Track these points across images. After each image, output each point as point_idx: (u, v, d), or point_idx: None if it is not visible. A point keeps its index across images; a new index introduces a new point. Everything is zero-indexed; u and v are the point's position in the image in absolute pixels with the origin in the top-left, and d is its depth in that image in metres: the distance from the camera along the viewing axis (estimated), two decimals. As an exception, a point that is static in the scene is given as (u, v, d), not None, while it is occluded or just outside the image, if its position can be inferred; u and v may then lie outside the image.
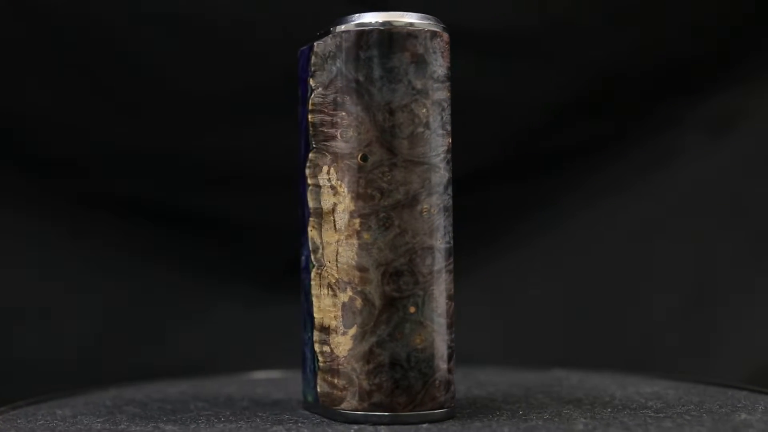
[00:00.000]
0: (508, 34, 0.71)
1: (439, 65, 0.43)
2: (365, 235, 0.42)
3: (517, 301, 0.76)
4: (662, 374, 0.57)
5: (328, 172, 0.43)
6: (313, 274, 0.44)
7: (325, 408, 0.44)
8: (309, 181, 0.44)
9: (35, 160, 0.74)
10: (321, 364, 0.44)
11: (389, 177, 0.42)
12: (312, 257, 0.44)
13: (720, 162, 0.76)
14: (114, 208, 0.75)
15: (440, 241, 0.43)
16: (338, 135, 0.43)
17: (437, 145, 0.43)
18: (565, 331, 0.77)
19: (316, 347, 0.44)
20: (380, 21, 0.42)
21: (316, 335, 0.44)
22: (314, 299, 0.44)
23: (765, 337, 0.75)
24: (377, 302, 0.42)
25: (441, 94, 0.43)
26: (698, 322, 0.76)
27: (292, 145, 0.74)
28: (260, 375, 0.60)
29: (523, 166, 0.76)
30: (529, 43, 0.72)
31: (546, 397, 0.49)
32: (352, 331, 0.42)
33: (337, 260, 0.43)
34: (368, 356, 0.42)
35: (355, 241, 0.42)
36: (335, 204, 0.43)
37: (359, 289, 0.42)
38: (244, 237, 0.76)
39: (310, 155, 0.44)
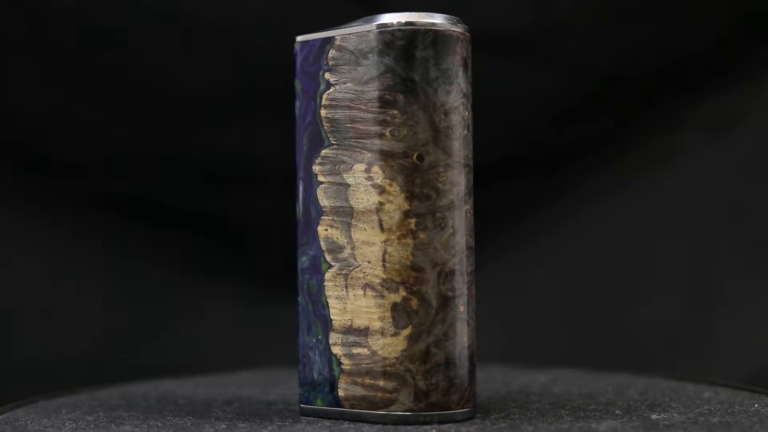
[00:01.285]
0: (508, 34, 0.71)
1: (470, 69, 0.44)
2: (421, 235, 0.42)
3: (517, 301, 0.76)
4: (662, 374, 0.57)
5: (368, 170, 0.43)
6: (329, 275, 0.43)
7: (356, 412, 0.43)
8: (322, 179, 0.44)
9: (35, 160, 0.74)
10: (348, 367, 0.43)
11: (444, 177, 0.43)
12: (327, 257, 0.43)
13: (720, 162, 0.76)
14: (114, 208, 0.75)
15: (473, 242, 0.44)
16: (387, 133, 0.42)
17: (472, 148, 0.44)
18: (564, 331, 0.77)
19: (338, 350, 0.43)
20: (429, 21, 0.43)
21: (336, 338, 0.43)
22: (333, 301, 0.43)
23: (765, 337, 0.75)
24: (434, 302, 0.42)
25: (470, 98, 0.44)
26: (698, 322, 0.76)
27: (293, 145, 0.74)
28: (262, 374, 0.60)
29: (522, 165, 0.76)
30: (529, 43, 0.72)
31: (553, 397, 0.49)
32: (406, 331, 0.42)
33: (384, 260, 0.42)
34: (425, 356, 0.42)
35: (410, 240, 0.42)
36: (381, 203, 0.43)
37: (415, 289, 0.42)
38: (244, 237, 0.76)
39: (327, 151, 0.44)
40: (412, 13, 0.43)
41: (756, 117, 0.76)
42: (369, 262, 0.42)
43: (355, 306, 0.43)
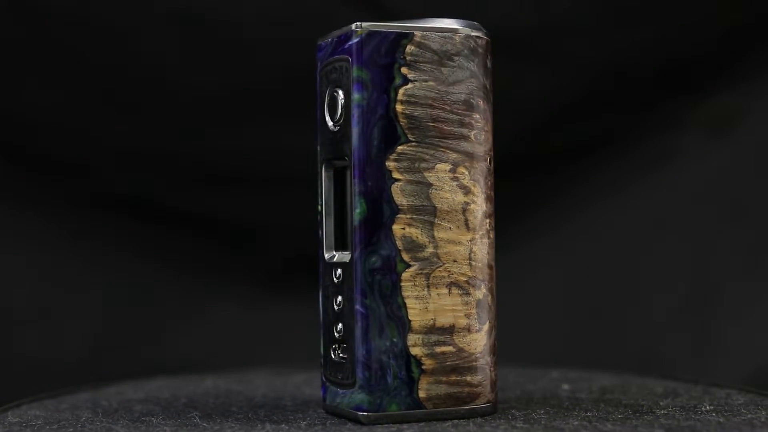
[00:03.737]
0: (509, 34, 0.71)
1: None
2: (492, 235, 0.45)
3: (517, 301, 0.76)
4: (661, 374, 0.57)
5: (454, 171, 0.44)
6: (407, 275, 0.43)
7: (440, 411, 0.43)
8: (398, 176, 0.43)
9: (35, 160, 0.74)
10: (430, 367, 0.43)
11: (493, 182, 0.45)
12: (406, 256, 0.43)
13: (720, 162, 0.76)
14: (114, 208, 0.75)
15: None
16: (471, 136, 0.44)
17: None
18: (564, 331, 0.77)
19: (418, 351, 0.43)
20: (483, 29, 0.45)
21: (415, 338, 0.43)
22: (412, 301, 0.43)
23: (765, 338, 0.75)
24: (496, 297, 0.45)
25: None
26: (698, 322, 0.76)
27: (292, 145, 0.74)
28: (262, 374, 0.60)
29: (522, 165, 0.76)
30: (529, 43, 0.72)
31: (553, 397, 0.49)
32: (486, 326, 0.44)
33: (471, 258, 0.44)
34: (494, 349, 0.45)
35: (487, 240, 0.44)
36: (467, 203, 0.44)
37: (490, 285, 0.44)
38: (244, 237, 0.76)
39: (404, 148, 0.43)
40: (473, 22, 0.45)
41: (756, 117, 0.76)
42: (455, 261, 0.43)
43: (438, 305, 0.43)
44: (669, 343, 0.76)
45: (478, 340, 0.44)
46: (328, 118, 0.45)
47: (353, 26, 0.43)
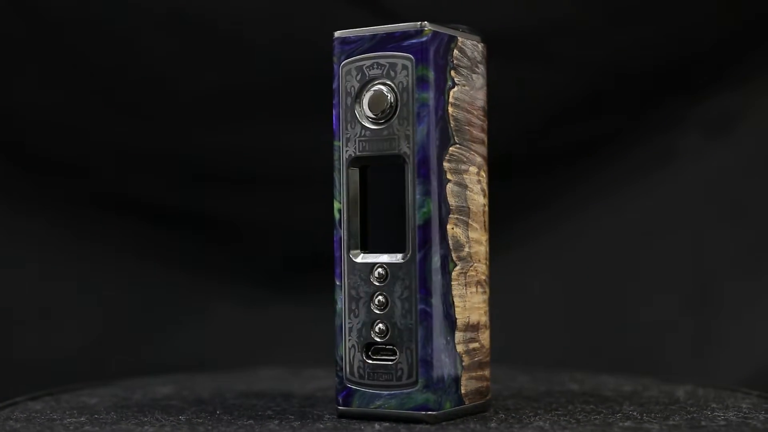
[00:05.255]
0: (509, 34, 0.71)
1: None
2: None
3: (516, 301, 0.76)
4: (661, 375, 0.57)
5: (478, 174, 0.45)
6: (455, 274, 0.44)
7: (475, 405, 0.45)
8: (449, 177, 0.43)
9: (35, 160, 0.74)
10: (467, 363, 0.44)
11: None
12: (454, 256, 0.44)
13: (720, 162, 0.76)
14: (114, 208, 0.75)
15: None
16: (485, 140, 0.46)
17: None
18: (564, 331, 0.77)
19: (460, 348, 0.44)
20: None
21: (459, 336, 0.44)
22: (457, 300, 0.44)
23: (765, 338, 0.75)
24: None
25: None
26: (698, 323, 0.76)
27: (292, 145, 0.74)
28: (269, 373, 0.60)
29: (522, 165, 0.76)
30: (529, 43, 0.72)
31: (553, 397, 0.49)
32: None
33: (487, 258, 0.46)
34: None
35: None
36: (484, 205, 0.45)
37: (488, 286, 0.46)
38: (244, 237, 0.76)
39: (453, 149, 0.44)
40: (471, 27, 0.45)
41: (756, 117, 0.76)
42: (479, 261, 0.45)
43: (471, 303, 0.44)
44: (669, 343, 0.76)
45: (488, 337, 0.46)
46: (368, 113, 0.43)
47: (419, 25, 0.43)
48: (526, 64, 0.73)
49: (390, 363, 0.43)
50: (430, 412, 0.43)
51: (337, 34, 0.44)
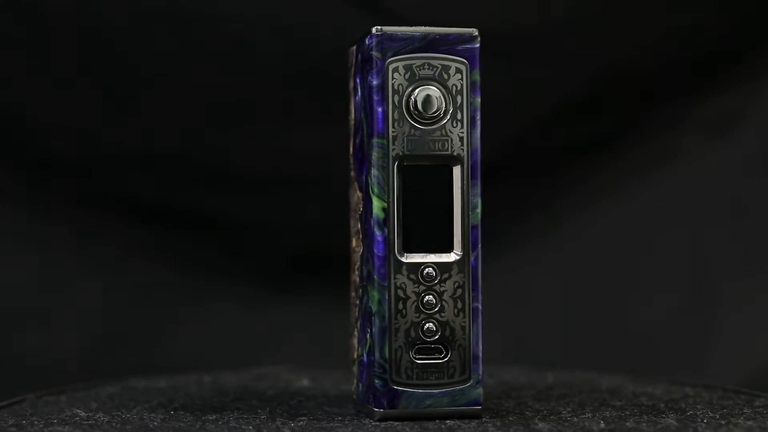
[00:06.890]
0: (508, 34, 0.71)
1: None
2: None
3: (516, 301, 0.76)
4: (661, 375, 0.57)
5: None
6: (485, 273, 0.45)
7: None
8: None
9: (35, 160, 0.74)
10: None
11: None
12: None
13: (720, 162, 0.76)
14: (114, 207, 0.75)
15: None
16: None
17: None
18: (564, 332, 0.77)
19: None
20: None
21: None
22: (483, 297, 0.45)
23: (764, 338, 0.75)
24: None
25: None
26: (698, 322, 0.76)
27: (293, 145, 0.74)
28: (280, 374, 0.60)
29: (522, 165, 0.76)
30: (529, 43, 0.72)
31: (553, 398, 0.49)
32: None
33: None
34: None
35: None
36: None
37: None
38: (244, 237, 0.76)
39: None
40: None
41: (756, 117, 0.76)
42: None
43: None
44: (669, 343, 0.76)
45: None
46: (421, 112, 0.43)
47: (473, 32, 0.44)
48: (526, 63, 0.73)
49: (440, 362, 0.43)
50: (481, 407, 0.44)
51: (380, 29, 0.43)
